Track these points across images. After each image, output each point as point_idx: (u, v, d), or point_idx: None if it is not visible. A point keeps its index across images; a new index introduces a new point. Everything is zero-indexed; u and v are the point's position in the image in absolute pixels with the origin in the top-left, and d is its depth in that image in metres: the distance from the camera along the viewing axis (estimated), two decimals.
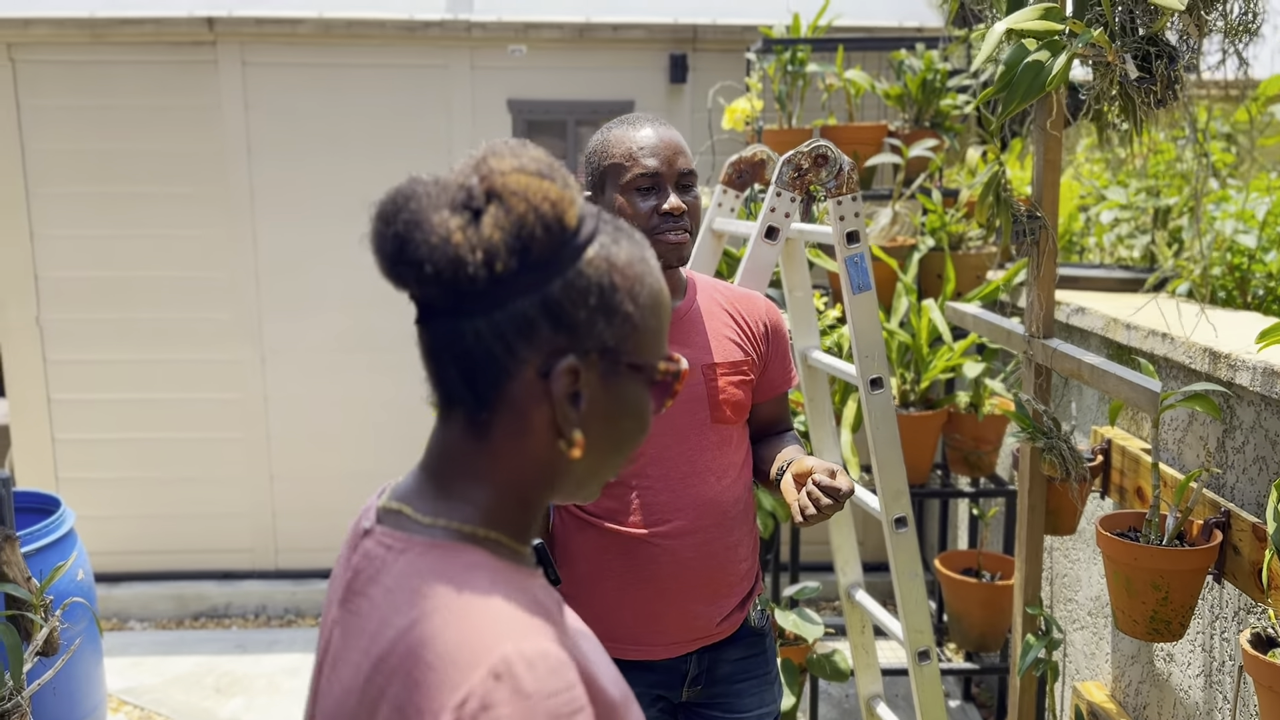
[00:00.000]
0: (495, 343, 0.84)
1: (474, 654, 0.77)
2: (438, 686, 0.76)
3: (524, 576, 0.88)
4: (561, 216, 0.85)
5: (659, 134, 1.74)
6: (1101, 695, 2.53)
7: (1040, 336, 2.25)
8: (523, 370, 0.85)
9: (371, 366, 4.31)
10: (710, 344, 1.78)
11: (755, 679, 1.86)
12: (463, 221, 0.83)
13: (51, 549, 2.88)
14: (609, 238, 0.89)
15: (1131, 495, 2.32)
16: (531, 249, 0.83)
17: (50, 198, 4.14)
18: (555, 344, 0.85)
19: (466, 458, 0.89)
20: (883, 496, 2.32)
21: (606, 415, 0.89)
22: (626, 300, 0.88)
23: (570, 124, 4.22)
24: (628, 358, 0.89)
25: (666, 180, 1.73)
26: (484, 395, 0.86)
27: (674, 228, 1.72)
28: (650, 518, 1.73)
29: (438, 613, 0.80)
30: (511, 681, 0.75)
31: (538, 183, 0.85)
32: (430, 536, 0.87)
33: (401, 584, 0.84)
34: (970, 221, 3.24)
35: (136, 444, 4.31)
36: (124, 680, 3.78)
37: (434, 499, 0.89)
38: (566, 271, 0.85)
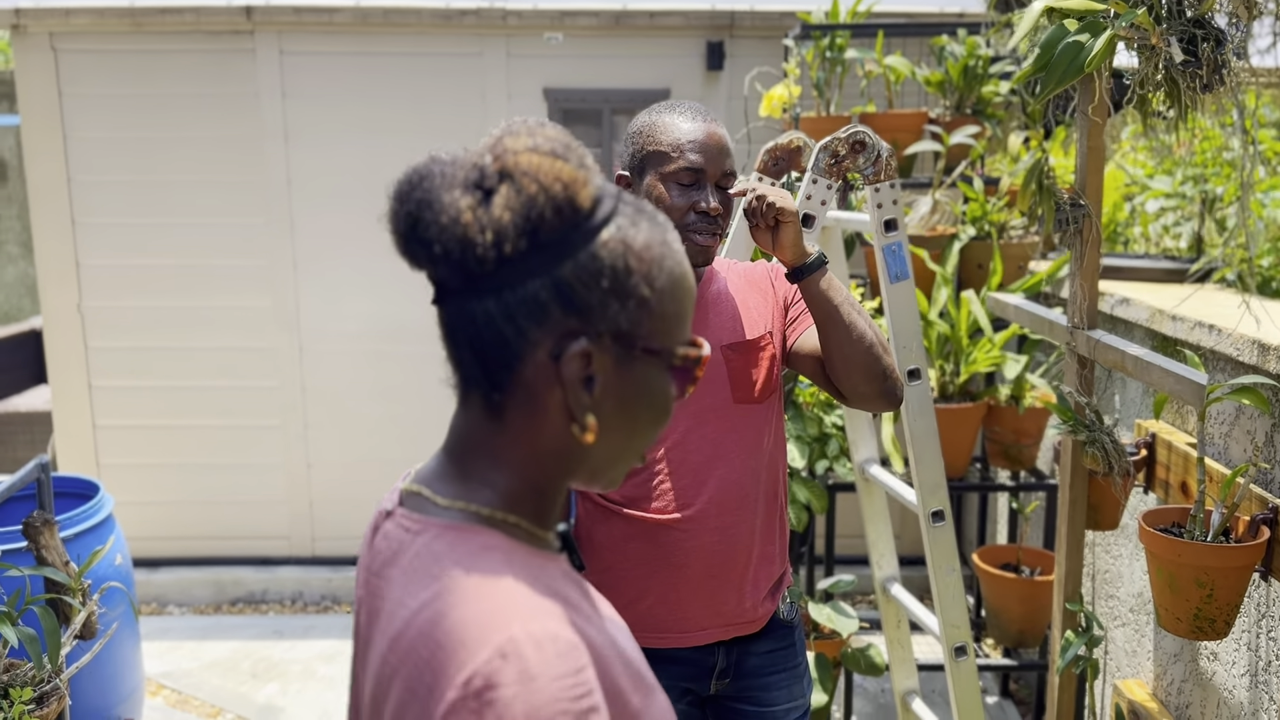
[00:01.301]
0: (506, 324, 0.83)
1: (483, 633, 0.77)
2: (445, 664, 0.76)
3: (541, 560, 0.88)
4: (574, 198, 0.83)
5: (708, 130, 1.71)
6: (1143, 694, 2.48)
7: (1083, 327, 2.20)
8: (534, 352, 0.84)
9: (408, 355, 4.32)
10: (727, 325, 1.76)
11: (784, 672, 1.84)
12: (473, 201, 0.82)
13: (90, 534, 2.91)
14: (627, 220, 0.87)
15: (1176, 490, 2.26)
16: (541, 230, 0.83)
17: (91, 185, 4.19)
18: (567, 326, 0.84)
19: (484, 440, 0.88)
20: (920, 490, 2.28)
21: (621, 400, 0.87)
22: (642, 284, 0.86)
23: (606, 112, 4.19)
24: (643, 342, 0.87)
25: (709, 179, 1.70)
26: (497, 376, 0.86)
27: (707, 229, 1.70)
28: (673, 503, 1.71)
29: (450, 593, 0.80)
30: (518, 662, 0.75)
31: (550, 163, 0.84)
32: (447, 519, 0.87)
33: (417, 565, 0.84)
34: (1012, 210, 3.18)
35: (176, 431, 4.36)
36: (162, 664, 3.82)
37: (453, 481, 0.89)
38: (579, 253, 0.84)
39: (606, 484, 0.92)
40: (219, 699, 3.60)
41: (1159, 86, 1.97)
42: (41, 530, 2.43)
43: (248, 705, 3.56)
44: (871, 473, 2.63)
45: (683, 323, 0.90)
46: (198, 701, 3.59)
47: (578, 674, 0.77)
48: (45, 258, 4.22)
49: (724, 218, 1.72)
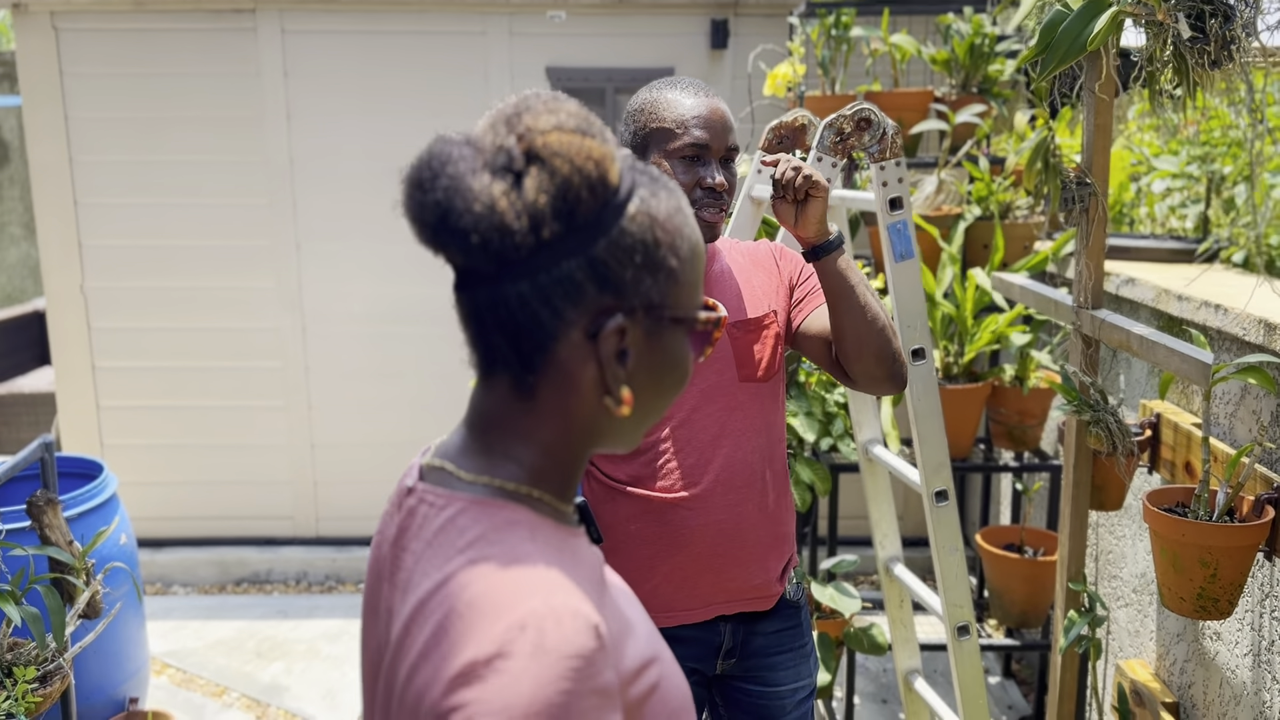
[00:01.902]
0: (542, 307, 0.82)
1: (503, 604, 0.77)
2: (463, 633, 0.76)
3: (565, 534, 0.88)
4: (605, 175, 0.82)
5: (711, 105, 1.70)
6: (1145, 674, 2.48)
7: (1089, 307, 2.19)
8: (570, 332, 0.84)
9: (411, 335, 4.31)
10: (732, 303, 1.75)
11: (790, 652, 1.84)
12: (505, 186, 0.80)
13: (94, 513, 2.92)
14: (648, 190, 0.86)
15: (1180, 470, 2.26)
16: (577, 211, 0.81)
17: (93, 166, 4.17)
18: (602, 304, 0.84)
19: (511, 418, 0.88)
20: (923, 470, 2.27)
21: (651, 369, 0.88)
22: (670, 255, 0.86)
23: (609, 91, 4.17)
24: (671, 311, 0.87)
25: (713, 154, 1.69)
26: (530, 359, 0.85)
27: (714, 204, 1.69)
28: (680, 481, 1.71)
29: (473, 565, 0.80)
30: (536, 635, 0.75)
31: (579, 141, 0.82)
32: (472, 493, 0.86)
33: (441, 538, 0.84)
34: (1018, 190, 3.17)
35: (180, 411, 4.36)
36: (167, 644, 3.84)
37: (477, 456, 0.89)
38: (611, 230, 0.83)
39: (628, 446, 0.93)
40: (224, 678, 3.61)
41: (1166, 64, 1.95)
42: (45, 510, 2.43)
43: (253, 684, 3.58)
44: (875, 453, 2.62)
45: (699, 288, 0.91)
46: (203, 680, 3.61)
47: (592, 654, 0.77)
48: (48, 239, 4.22)
49: (729, 193, 1.71)
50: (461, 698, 0.74)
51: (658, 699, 0.85)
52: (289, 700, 3.48)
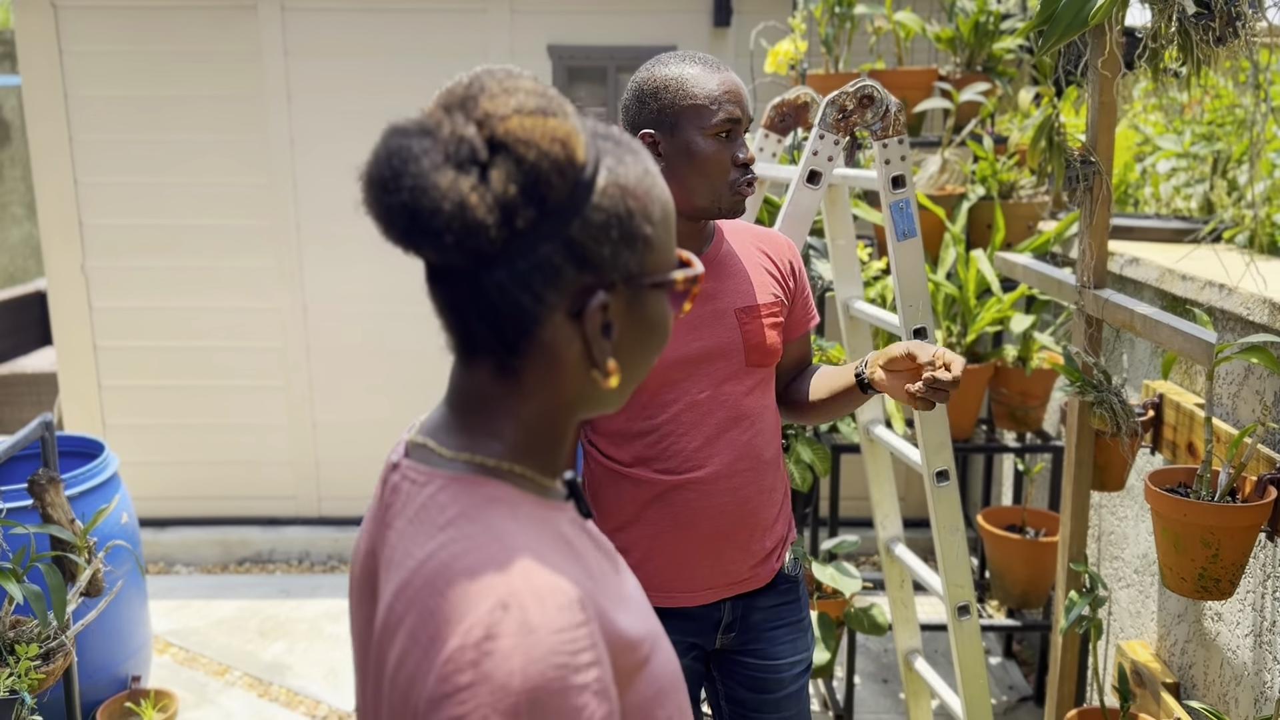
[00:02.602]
0: (522, 294, 0.81)
1: (486, 584, 0.76)
2: (448, 614, 0.76)
3: (547, 509, 0.87)
4: (573, 155, 0.80)
5: (734, 80, 1.68)
6: (1146, 654, 2.48)
7: (1092, 287, 2.18)
8: (552, 314, 0.83)
9: (411, 316, 4.30)
10: (741, 287, 1.75)
11: (788, 626, 1.85)
12: (473, 181, 0.78)
13: (95, 492, 2.92)
14: (613, 159, 0.84)
15: (1183, 451, 2.25)
16: (549, 197, 0.79)
17: (93, 145, 4.16)
18: (582, 283, 0.82)
19: (495, 398, 0.87)
20: (925, 450, 2.27)
21: (635, 336, 0.87)
22: (644, 222, 0.85)
23: (611, 70, 4.15)
24: (650, 278, 0.86)
25: (744, 128, 1.69)
26: (514, 344, 0.84)
27: (749, 180, 1.68)
28: (685, 464, 1.70)
29: (455, 543, 0.80)
30: (520, 613, 0.75)
31: (542, 123, 0.80)
32: (453, 470, 0.86)
33: (423, 516, 0.84)
34: (1022, 169, 3.15)
35: (181, 391, 4.36)
36: (169, 622, 3.85)
37: (458, 434, 0.88)
38: (583, 209, 0.81)
39: (616, 408, 0.92)
40: (226, 657, 3.63)
41: (1171, 41, 1.93)
42: (47, 488, 2.43)
43: (255, 663, 3.59)
44: (876, 433, 2.62)
45: (673, 246, 0.89)
46: (205, 659, 3.62)
47: (578, 628, 0.76)
48: (48, 218, 4.21)
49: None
50: (454, 682, 0.74)
51: (648, 674, 0.85)
52: (291, 679, 3.49)
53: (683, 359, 1.69)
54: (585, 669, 0.75)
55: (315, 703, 3.37)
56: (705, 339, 1.70)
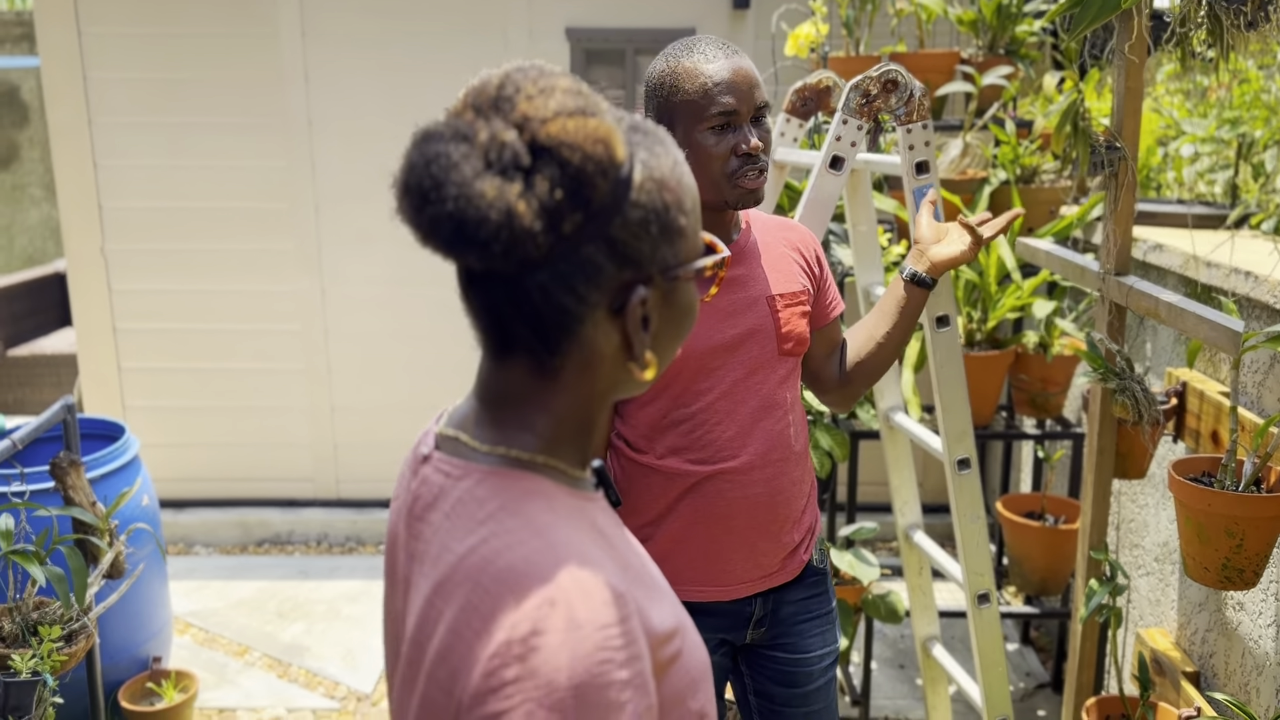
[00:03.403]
0: (565, 295, 0.81)
1: (531, 580, 0.76)
2: (493, 609, 0.76)
3: (582, 501, 0.87)
4: (614, 155, 0.79)
5: (734, 66, 1.63)
6: (1166, 643, 2.47)
7: (1115, 273, 2.15)
8: (594, 313, 0.82)
9: (429, 299, 4.30)
10: (771, 276, 1.73)
11: (818, 619, 1.84)
12: (519, 188, 0.76)
13: (116, 475, 2.93)
14: (647, 152, 0.84)
15: (1206, 440, 2.23)
16: (594, 199, 0.79)
17: (112, 126, 4.17)
18: (622, 279, 0.82)
19: (529, 394, 0.87)
20: (946, 437, 2.26)
21: (670, 325, 0.88)
22: (679, 214, 0.85)
23: (629, 53, 4.13)
24: (684, 269, 0.86)
25: (744, 118, 1.64)
26: (555, 344, 0.83)
27: (753, 169, 1.64)
28: (719, 453, 1.70)
29: (496, 538, 0.80)
30: (566, 609, 0.75)
31: (584, 124, 0.78)
32: (488, 464, 0.85)
33: (459, 510, 0.83)
34: (1045, 154, 3.12)
35: (201, 374, 4.38)
36: (189, 603, 3.88)
37: (490, 427, 0.88)
38: (623, 207, 0.80)
39: (638, 393, 0.93)
40: (245, 637, 3.65)
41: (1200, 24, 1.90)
42: (68, 471, 2.44)
43: (274, 644, 3.61)
44: (896, 420, 2.60)
45: (700, 232, 0.90)
46: (225, 640, 3.64)
47: (622, 624, 0.77)
48: (67, 200, 4.22)
49: (765, 152, 1.66)
50: (500, 677, 0.74)
51: (681, 666, 0.85)
52: (310, 660, 3.52)
53: (718, 346, 1.68)
54: (628, 664, 0.76)
55: (334, 684, 3.39)
56: (739, 326, 1.69)
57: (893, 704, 3.24)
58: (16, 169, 7.24)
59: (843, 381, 1.87)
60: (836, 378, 1.88)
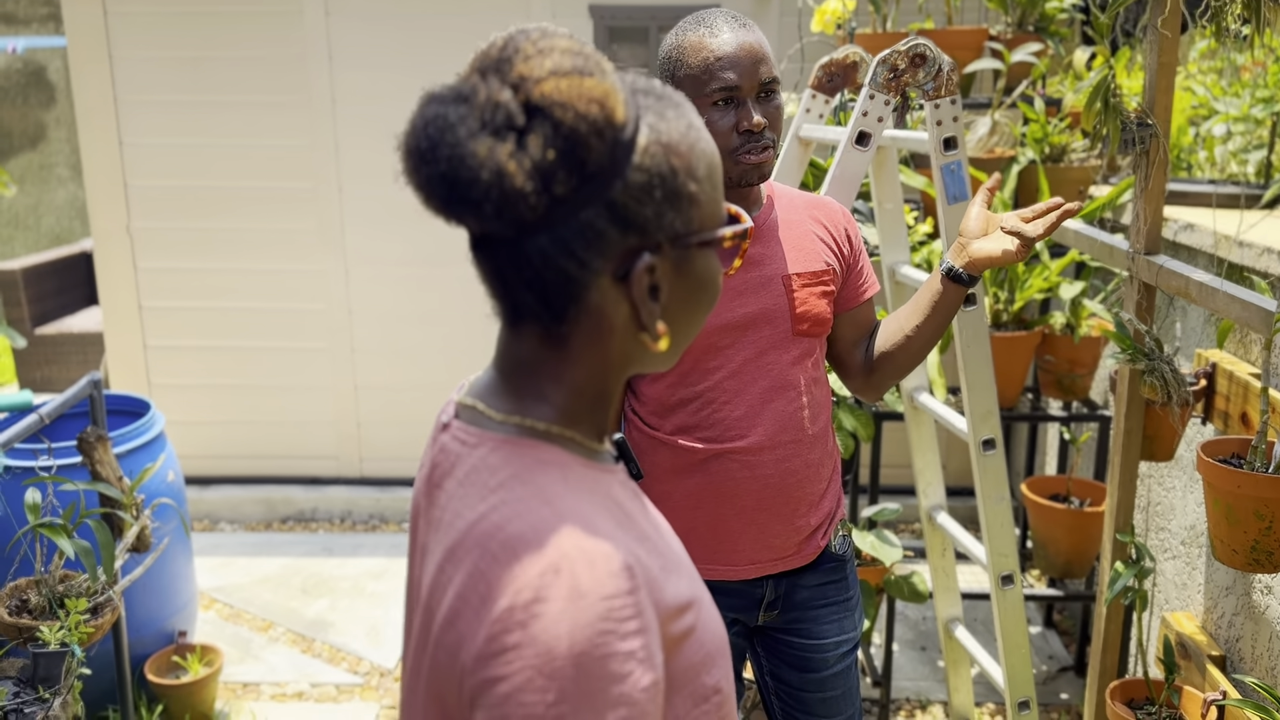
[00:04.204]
0: (566, 260, 0.80)
1: (537, 547, 0.76)
2: (498, 576, 0.76)
3: (598, 472, 0.86)
4: (611, 115, 0.78)
5: (738, 40, 1.61)
6: (1192, 626, 2.45)
7: (1145, 252, 2.13)
8: (598, 279, 0.81)
9: (451, 279, 4.31)
10: (790, 255, 1.71)
11: (834, 605, 1.82)
12: (511, 148, 0.76)
13: (142, 450, 2.96)
14: (655, 115, 0.82)
15: (1236, 421, 2.21)
16: (588, 160, 0.77)
17: (137, 105, 4.18)
18: (627, 245, 0.81)
19: (542, 364, 0.86)
20: (971, 418, 2.24)
21: (684, 296, 0.86)
22: (688, 179, 0.82)
23: (653, 30, 4.10)
24: (697, 237, 0.84)
25: (746, 94, 1.61)
26: (561, 310, 0.83)
27: (755, 146, 1.62)
28: (727, 432, 1.68)
29: (506, 505, 0.79)
30: (570, 578, 0.74)
31: (579, 83, 0.77)
32: (504, 433, 0.85)
33: (473, 478, 0.83)
34: (1074, 132, 3.08)
35: (226, 352, 4.40)
36: (214, 579, 3.91)
37: (507, 397, 0.87)
38: (625, 171, 0.79)
39: (667, 367, 0.91)
40: (270, 613, 3.68)
41: None
42: (95, 446, 2.46)
43: (298, 620, 3.64)
44: (921, 400, 2.59)
45: (721, 202, 0.87)
46: (249, 615, 3.67)
47: (627, 595, 0.76)
48: (94, 179, 4.24)
49: (774, 129, 1.64)
50: (501, 643, 0.74)
51: (695, 640, 0.84)
52: (333, 635, 3.54)
53: (727, 325, 1.66)
54: (631, 636, 0.75)
55: (357, 659, 3.41)
56: (750, 305, 1.67)
57: (914, 685, 3.23)
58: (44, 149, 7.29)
59: (868, 370, 1.82)
60: (862, 365, 1.83)
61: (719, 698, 0.86)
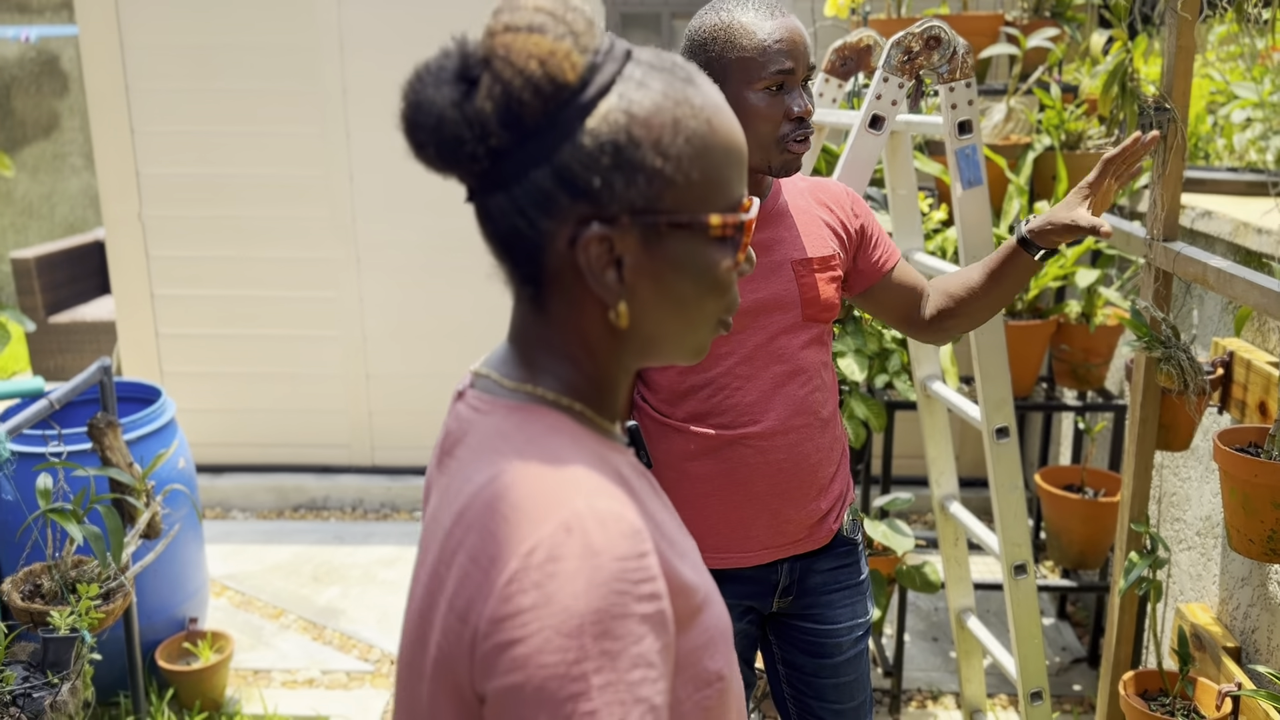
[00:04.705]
0: (518, 218, 0.80)
1: (547, 507, 0.75)
2: (509, 537, 0.75)
3: (607, 448, 0.86)
4: (554, 75, 0.77)
5: (789, 26, 1.58)
6: (1207, 617, 2.43)
7: (1163, 239, 2.10)
8: (553, 243, 0.81)
9: (464, 266, 4.30)
10: (798, 239, 1.69)
11: (847, 589, 1.81)
12: (457, 96, 0.79)
13: (153, 437, 2.96)
14: (633, 83, 0.80)
15: (1253, 410, 2.18)
16: (524, 117, 0.77)
17: (149, 93, 4.18)
18: (578, 213, 0.79)
19: (536, 331, 0.87)
20: (984, 406, 2.22)
21: (656, 279, 0.82)
22: (652, 155, 0.79)
23: (665, 16, 4.08)
24: (668, 217, 0.81)
25: (798, 81, 1.59)
26: (525, 270, 0.83)
27: (803, 134, 1.60)
28: (739, 419, 1.67)
29: (515, 469, 0.79)
30: (582, 536, 0.73)
31: (525, 39, 0.77)
32: (515, 400, 0.85)
33: (484, 443, 0.83)
34: (1090, 118, 3.05)
35: (237, 340, 4.41)
36: (226, 566, 3.92)
37: (518, 366, 0.88)
38: (574, 133, 0.78)
39: (690, 359, 0.89)
40: (281, 600, 3.69)
41: None
42: (105, 432, 2.46)
43: (309, 607, 3.65)
44: (934, 389, 2.57)
45: (722, 188, 0.83)
46: (260, 602, 3.68)
47: (641, 558, 0.75)
48: (105, 167, 4.24)
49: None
50: (516, 604, 0.73)
51: (700, 624, 0.83)
52: (344, 623, 3.55)
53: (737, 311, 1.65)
54: (646, 599, 0.74)
55: (368, 647, 3.41)
56: (761, 291, 1.66)
57: (926, 676, 3.21)
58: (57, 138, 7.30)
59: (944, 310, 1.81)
60: (924, 321, 1.82)
61: (721, 684, 0.85)
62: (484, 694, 0.74)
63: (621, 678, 0.71)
